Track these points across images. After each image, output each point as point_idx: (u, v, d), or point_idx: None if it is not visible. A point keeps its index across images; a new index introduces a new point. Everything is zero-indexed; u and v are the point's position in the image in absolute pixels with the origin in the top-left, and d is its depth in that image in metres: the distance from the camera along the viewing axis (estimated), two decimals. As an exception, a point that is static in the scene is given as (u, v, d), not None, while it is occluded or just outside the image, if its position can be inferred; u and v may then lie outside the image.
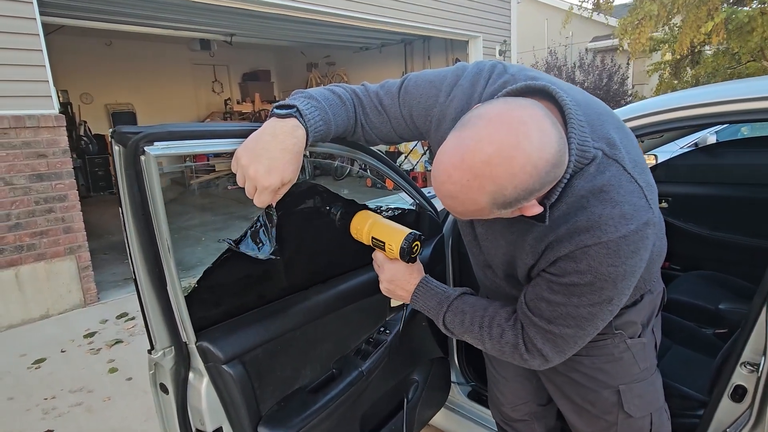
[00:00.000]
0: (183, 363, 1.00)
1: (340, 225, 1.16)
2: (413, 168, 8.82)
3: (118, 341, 3.29)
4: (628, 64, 11.48)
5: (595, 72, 11.08)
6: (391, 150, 9.31)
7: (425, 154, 8.72)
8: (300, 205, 1.11)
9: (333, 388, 1.23)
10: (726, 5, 7.19)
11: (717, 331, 1.89)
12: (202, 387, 1.01)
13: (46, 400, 2.63)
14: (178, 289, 0.91)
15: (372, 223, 1.13)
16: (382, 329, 1.41)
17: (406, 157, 9.10)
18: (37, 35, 3.51)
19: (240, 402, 1.02)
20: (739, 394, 1.20)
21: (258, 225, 0.96)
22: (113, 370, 2.92)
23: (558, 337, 0.90)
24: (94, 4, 5.26)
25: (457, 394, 1.85)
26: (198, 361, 1.00)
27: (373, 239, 1.13)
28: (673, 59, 8.45)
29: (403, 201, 1.74)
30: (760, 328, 1.13)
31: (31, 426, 2.41)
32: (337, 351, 1.30)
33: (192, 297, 0.98)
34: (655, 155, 2.80)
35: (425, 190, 1.96)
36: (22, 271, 3.63)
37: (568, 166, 0.78)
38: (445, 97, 0.96)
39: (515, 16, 8.17)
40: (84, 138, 8.58)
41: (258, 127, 0.89)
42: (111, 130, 0.76)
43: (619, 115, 1.10)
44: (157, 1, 5.23)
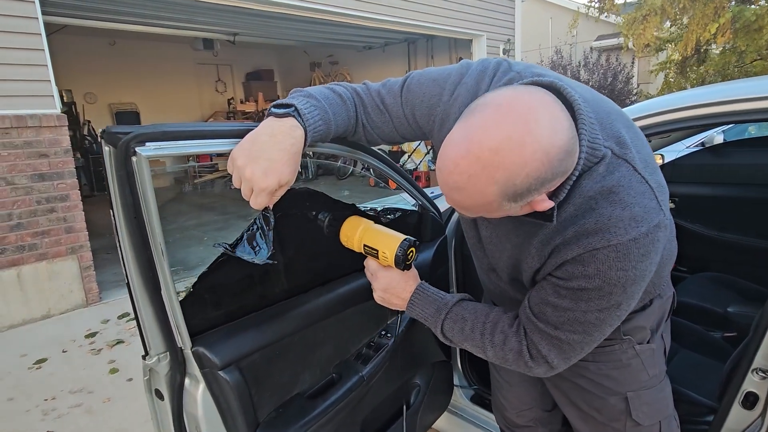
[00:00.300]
0: (178, 369, 0.98)
1: (328, 232, 1.10)
2: (416, 167, 8.80)
3: (120, 341, 3.28)
4: (633, 63, 11.41)
5: (600, 71, 11.02)
6: (394, 149, 9.29)
7: (428, 153, 8.69)
8: (292, 209, 1.08)
9: (333, 393, 1.20)
10: (733, 3, 7.12)
11: (725, 334, 1.86)
12: (198, 393, 0.98)
13: (46, 401, 2.62)
14: (172, 293, 0.89)
15: (363, 229, 1.07)
16: (383, 333, 1.38)
17: (409, 156, 9.08)
18: (39, 35, 3.50)
19: (237, 409, 0.99)
20: (750, 401, 1.17)
21: (254, 228, 0.94)
22: (114, 371, 2.90)
23: (564, 343, 0.86)
24: (97, 4, 5.25)
25: (459, 397, 1.82)
26: (194, 367, 0.97)
27: (365, 247, 1.07)
28: (679, 58, 8.39)
29: (405, 202, 1.71)
30: (772, 334, 1.10)
31: (30, 427, 2.39)
32: (337, 355, 1.27)
33: (187, 301, 0.96)
34: (662, 155, 2.77)
35: (428, 191, 1.93)
36: (23, 271, 3.63)
37: (578, 163, 0.75)
38: (449, 96, 0.93)
39: (519, 14, 8.13)
40: (88, 137, 8.60)
41: (255, 126, 0.86)
42: (101, 130, 0.73)
43: (628, 113, 1.07)
44: (159, 0, 5.22)
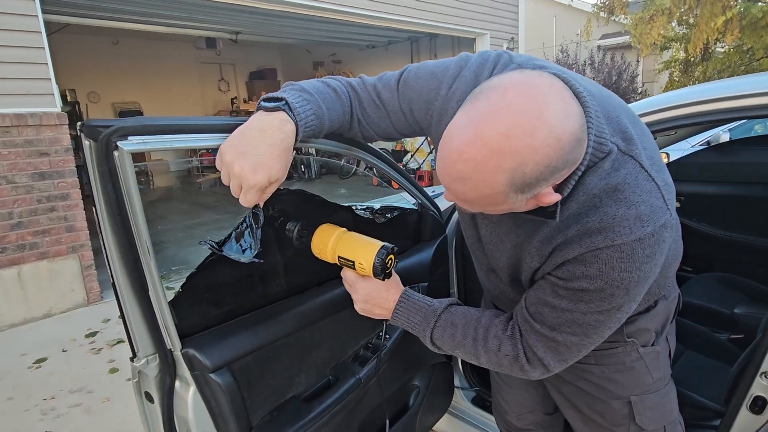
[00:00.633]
0: (168, 371, 0.95)
1: (299, 245, 1.02)
2: (419, 167, 8.76)
3: (120, 341, 3.26)
4: (638, 62, 11.33)
5: (605, 70, 10.95)
6: (397, 149, 9.26)
7: (432, 152, 8.65)
8: (284, 208, 1.03)
9: (329, 396, 1.17)
10: (740, 0, 7.05)
11: (732, 336, 1.82)
12: (188, 396, 0.96)
13: (45, 400, 2.60)
14: (161, 294, 0.86)
15: (336, 239, 1.00)
16: (381, 334, 1.35)
17: (412, 155, 9.04)
18: (39, 33, 3.48)
19: (228, 412, 0.97)
20: (758, 405, 1.13)
21: (244, 226, 0.91)
22: (114, 371, 2.89)
23: (561, 345, 0.83)
24: (99, 2, 5.24)
25: (460, 399, 1.80)
26: (184, 369, 0.95)
27: (339, 258, 1.00)
28: (685, 57, 8.31)
29: (405, 201, 1.68)
30: (781, 337, 1.07)
31: (29, 427, 2.38)
32: (333, 357, 1.24)
33: (177, 301, 0.93)
34: (666, 153, 2.73)
35: (429, 190, 1.90)
36: (24, 270, 3.62)
37: (584, 157, 0.71)
38: (447, 90, 0.90)
39: (523, 13, 8.08)
40: (90, 136, 8.58)
41: (244, 121, 0.83)
42: (79, 123, 0.71)
43: (633, 110, 1.04)
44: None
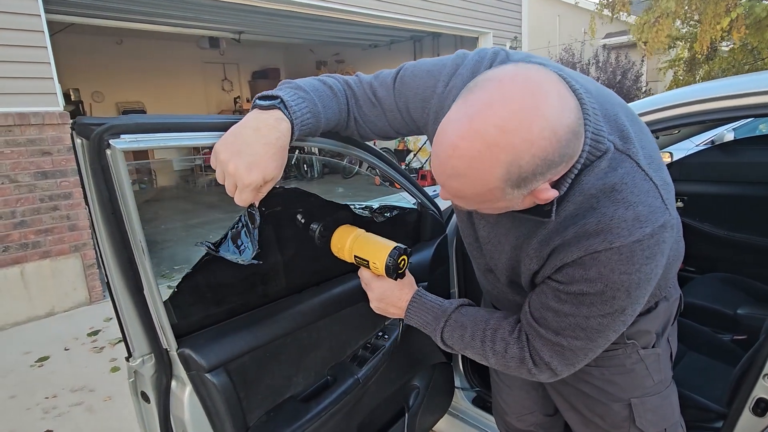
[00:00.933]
0: (164, 371, 0.95)
1: (320, 243, 1.07)
2: (422, 166, 8.75)
3: (121, 340, 3.26)
4: (642, 61, 11.28)
5: (609, 69, 10.90)
6: (400, 148, 9.25)
7: (434, 152, 8.63)
8: (283, 207, 1.04)
9: (327, 396, 1.16)
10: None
11: (735, 337, 1.81)
12: (184, 396, 0.95)
13: (47, 398, 2.61)
14: (156, 293, 0.86)
15: (353, 239, 1.04)
16: (381, 334, 1.35)
17: (414, 155, 9.03)
18: (42, 32, 3.49)
19: (224, 412, 0.96)
20: (761, 407, 1.12)
21: (239, 226, 0.90)
22: (115, 369, 2.89)
23: (567, 350, 0.82)
24: (101, 2, 5.25)
25: (461, 399, 1.79)
26: (180, 369, 0.94)
27: (356, 258, 1.04)
28: (690, 56, 8.26)
29: (405, 200, 1.68)
30: (785, 338, 1.05)
31: (30, 425, 2.38)
32: (332, 357, 1.23)
33: (173, 301, 0.93)
34: (670, 153, 2.71)
35: (430, 189, 1.89)
36: (27, 269, 3.63)
37: (581, 154, 0.70)
38: (443, 87, 0.89)
39: (526, 12, 8.05)
40: (94, 136, 8.60)
41: (239, 119, 0.82)
42: (71, 121, 0.70)
43: (633, 108, 1.02)
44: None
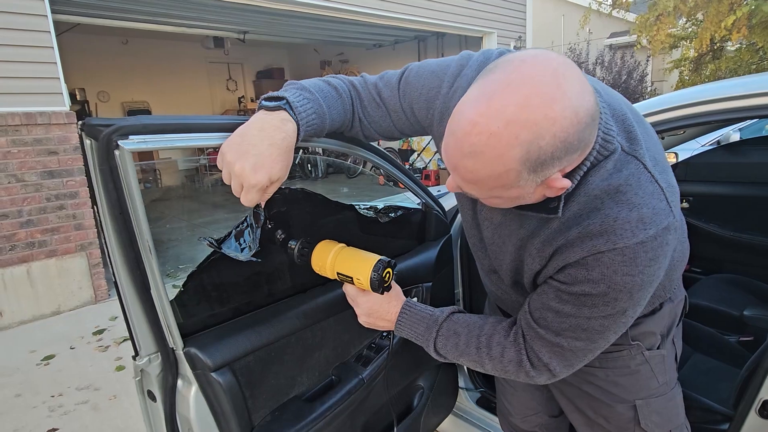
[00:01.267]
0: (170, 370, 0.95)
1: (300, 262, 1.03)
2: (426, 166, 8.74)
3: (126, 339, 3.28)
4: (648, 61, 11.23)
5: (615, 69, 10.86)
6: (404, 148, 9.25)
7: (438, 151, 8.62)
8: (290, 208, 1.03)
9: (331, 396, 1.17)
10: (750, -1, 6.96)
11: (741, 338, 1.80)
12: (190, 395, 0.96)
13: (53, 397, 2.63)
14: (162, 293, 0.86)
15: (334, 255, 1.01)
16: (385, 334, 1.35)
17: (419, 154, 9.03)
18: (48, 32, 3.51)
19: (230, 411, 0.97)
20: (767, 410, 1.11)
21: (244, 225, 0.90)
22: (120, 368, 2.91)
23: (566, 351, 0.82)
24: (107, 2, 5.28)
25: (465, 400, 1.78)
26: (186, 368, 0.95)
27: (339, 275, 1.01)
28: (695, 55, 8.22)
29: (410, 200, 1.68)
30: (791, 340, 1.05)
31: (36, 423, 2.40)
32: (336, 357, 1.24)
33: (179, 300, 0.93)
34: (675, 153, 2.69)
35: (434, 189, 1.89)
36: (33, 268, 3.65)
37: (593, 146, 0.70)
38: (448, 88, 0.89)
39: (531, 11, 8.04)
40: (100, 135, 8.64)
41: (245, 120, 0.83)
42: (80, 122, 0.71)
43: (638, 109, 1.02)
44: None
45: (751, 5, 6.52)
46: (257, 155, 0.77)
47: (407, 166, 6.74)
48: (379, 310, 1.02)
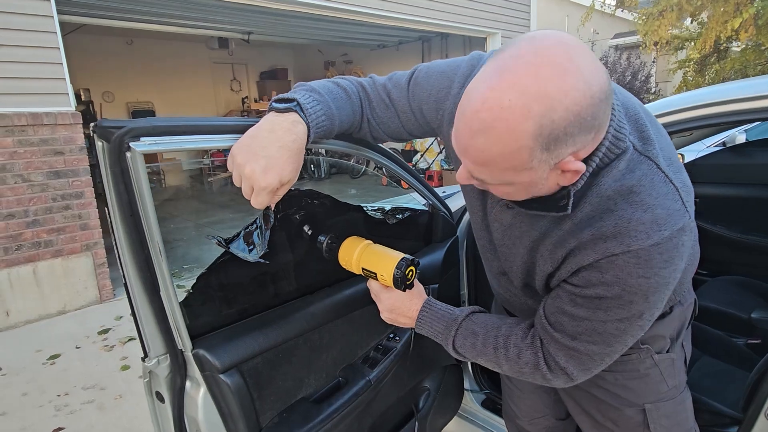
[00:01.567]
0: (179, 371, 0.95)
1: (328, 257, 1.06)
2: (429, 167, 8.73)
3: (132, 338, 3.29)
4: (653, 62, 11.20)
5: (619, 69, 10.84)
6: (407, 148, 9.24)
7: (441, 152, 8.61)
8: (298, 209, 1.04)
9: (338, 398, 1.17)
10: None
11: (750, 341, 1.78)
12: (199, 397, 0.96)
13: (59, 396, 2.64)
14: (172, 294, 0.86)
15: (360, 251, 1.04)
16: (392, 336, 1.35)
17: (422, 155, 9.02)
18: (55, 33, 3.53)
19: (238, 413, 0.97)
20: (777, 413, 1.11)
21: (254, 227, 0.90)
22: (125, 368, 2.92)
23: (582, 355, 0.81)
24: (113, 3, 5.30)
25: (470, 402, 1.78)
26: (194, 370, 0.95)
27: (364, 270, 1.04)
28: (699, 56, 8.19)
29: (416, 201, 1.67)
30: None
31: (42, 422, 2.41)
32: (343, 359, 1.24)
33: (188, 302, 0.93)
34: (681, 154, 2.68)
35: (440, 191, 1.89)
36: (39, 267, 3.67)
37: (604, 142, 0.69)
38: (458, 89, 0.89)
39: (535, 12, 8.02)
40: (104, 136, 8.67)
41: (255, 122, 0.83)
42: (92, 124, 0.71)
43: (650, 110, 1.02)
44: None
45: (758, 6, 6.49)
46: (267, 157, 0.77)
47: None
48: (401, 307, 1.04)
